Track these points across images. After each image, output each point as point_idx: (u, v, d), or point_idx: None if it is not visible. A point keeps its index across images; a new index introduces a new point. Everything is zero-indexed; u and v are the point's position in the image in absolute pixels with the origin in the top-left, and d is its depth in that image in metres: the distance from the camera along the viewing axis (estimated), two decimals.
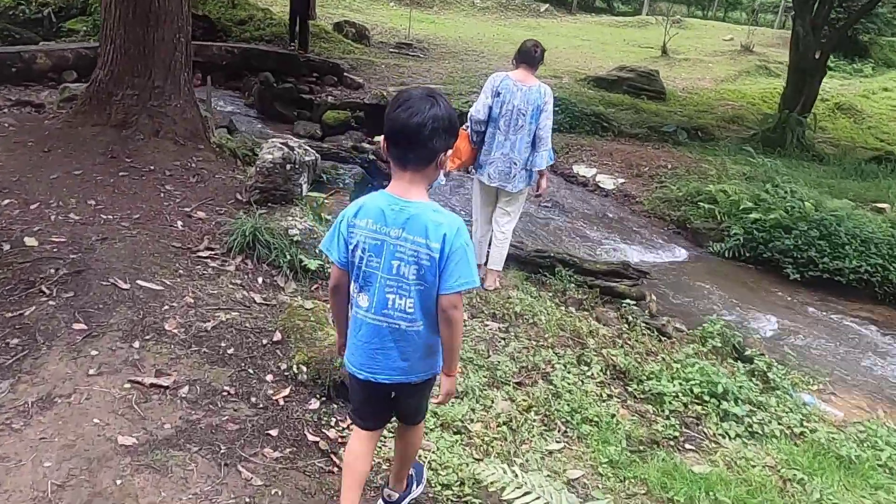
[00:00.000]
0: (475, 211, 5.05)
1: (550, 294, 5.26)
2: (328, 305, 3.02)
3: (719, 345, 4.69)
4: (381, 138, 2.01)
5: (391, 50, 16.52)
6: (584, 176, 9.67)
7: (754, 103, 16.02)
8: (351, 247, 1.98)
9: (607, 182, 9.66)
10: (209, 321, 3.32)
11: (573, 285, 5.35)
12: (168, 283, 3.55)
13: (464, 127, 4.73)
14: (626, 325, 4.74)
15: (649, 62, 18.74)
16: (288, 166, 4.44)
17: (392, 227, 1.92)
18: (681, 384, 3.85)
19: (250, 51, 11.90)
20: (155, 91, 5.15)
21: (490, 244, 4.94)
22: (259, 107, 11.64)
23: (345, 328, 2.14)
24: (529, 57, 4.59)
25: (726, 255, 7.31)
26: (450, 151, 1.95)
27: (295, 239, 4.08)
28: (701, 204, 8.06)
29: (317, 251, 3.97)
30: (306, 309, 3.49)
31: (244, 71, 12.02)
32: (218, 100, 12.40)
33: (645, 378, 3.88)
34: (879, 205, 7.98)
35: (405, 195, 1.92)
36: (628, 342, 4.46)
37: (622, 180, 9.71)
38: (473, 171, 4.96)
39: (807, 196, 7.28)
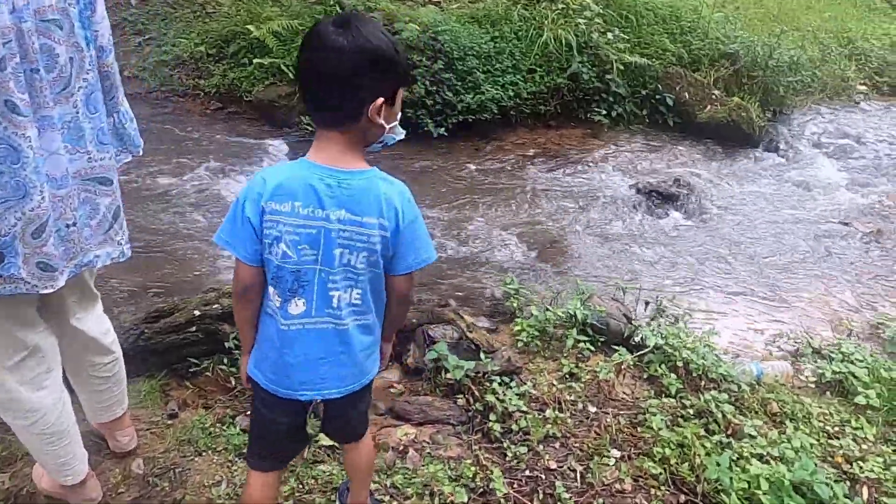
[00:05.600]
0: None
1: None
2: None
3: (586, 336, 2.74)
4: None
5: None
6: None
7: None
8: (268, 241, 1.38)
9: None
10: None
11: None
12: None
13: None
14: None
15: None
16: None
17: (331, 208, 1.36)
18: None
19: None
20: None
21: (78, 382, 2.00)
22: None
23: (252, 344, 1.55)
24: None
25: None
26: (386, 103, 1.34)
27: None
28: (251, 59, 5.23)
29: None
30: None
31: None
32: None
33: None
34: None
35: (340, 163, 1.37)
36: None
37: None
38: None
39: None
